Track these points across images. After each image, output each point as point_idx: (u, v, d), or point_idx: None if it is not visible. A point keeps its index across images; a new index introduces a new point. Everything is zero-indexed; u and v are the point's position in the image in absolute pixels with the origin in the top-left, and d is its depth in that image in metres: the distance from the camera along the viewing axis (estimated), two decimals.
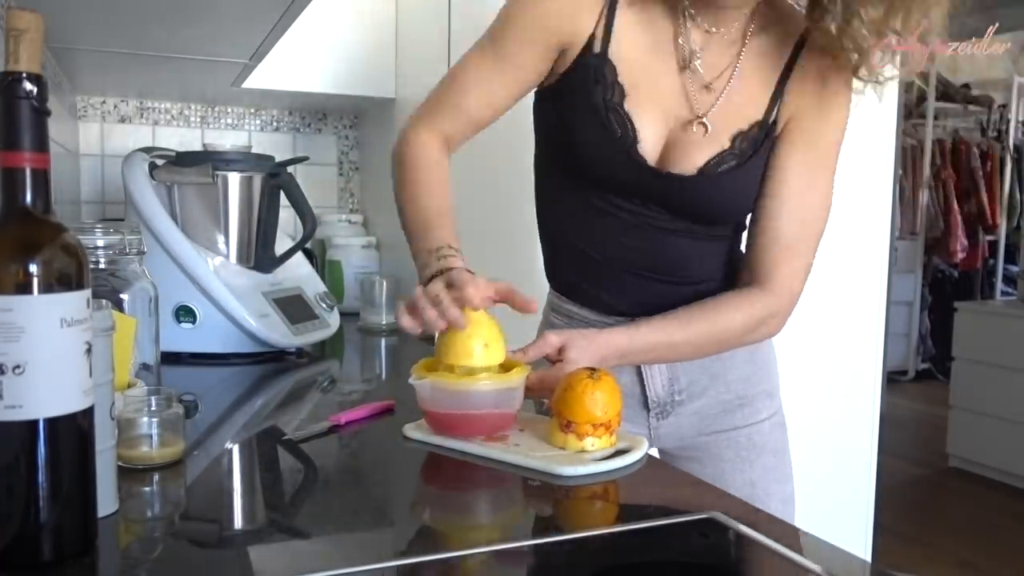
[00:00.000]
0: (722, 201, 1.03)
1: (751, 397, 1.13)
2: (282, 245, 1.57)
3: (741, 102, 1.00)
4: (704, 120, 0.99)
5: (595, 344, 0.97)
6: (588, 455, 0.85)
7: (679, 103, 1.00)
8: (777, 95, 1.01)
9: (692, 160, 0.99)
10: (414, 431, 0.93)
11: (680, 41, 0.99)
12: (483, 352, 0.89)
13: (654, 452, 1.17)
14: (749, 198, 1.03)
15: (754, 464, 1.13)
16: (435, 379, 0.89)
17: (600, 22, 0.97)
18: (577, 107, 0.99)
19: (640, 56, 0.99)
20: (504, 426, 0.91)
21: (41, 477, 0.58)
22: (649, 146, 0.99)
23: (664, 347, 1.02)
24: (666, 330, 1.01)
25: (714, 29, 0.99)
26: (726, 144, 0.99)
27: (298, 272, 1.60)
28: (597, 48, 0.98)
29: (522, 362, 0.93)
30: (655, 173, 0.99)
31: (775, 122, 1.01)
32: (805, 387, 1.82)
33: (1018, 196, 5.74)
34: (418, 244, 0.98)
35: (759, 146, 1.00)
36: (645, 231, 1.03)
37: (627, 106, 0.98)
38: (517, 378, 0.90)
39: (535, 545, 0.67)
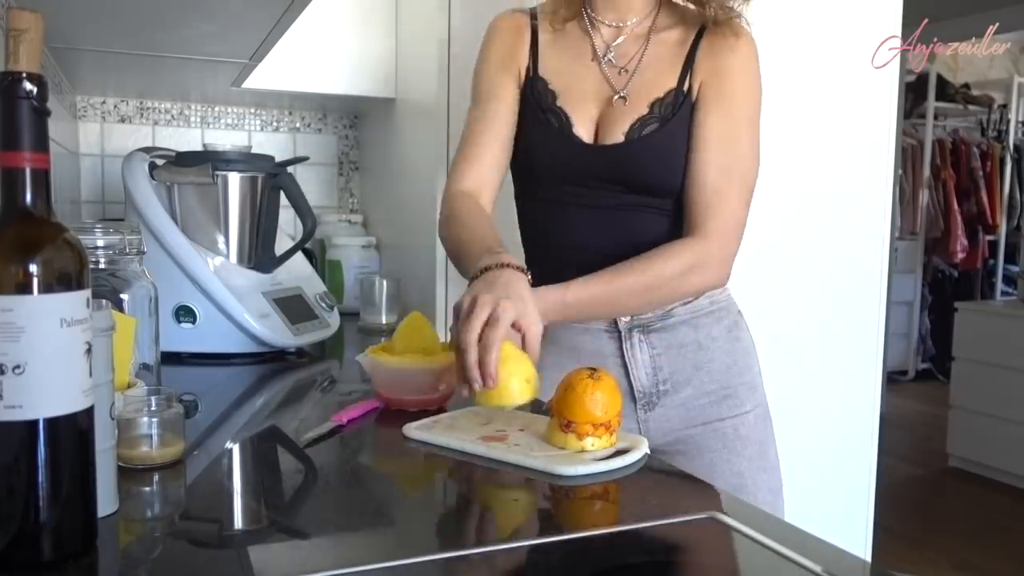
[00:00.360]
0: (652, 161, 1.12)
1: (734, 388, 1.17)
2: (282, 245, 1.57)
3: (654, 77, 1.15)
4: (622, 94, 1.15)
5: (529, 305, 0.97)
6: (588, 455, 0.85)
7: (602, 87, 1.16)
8: (687, 66, 1.14)
9: (619, 128, 1.13)
10: (414, 431, 0.93)
11: (594, 40, 1.18)
12: (522, 387, 0.91)
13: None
14: (677, 160, 1.12)
15: (741, 455, 1.16)
16: (373, 357, 1.04)
17: (529, 52, 1.20)
18: (526, 120, 1.18)
19: (563, 64, 1.18)
20: (434, 403, 1.04)
21: (41, 477, 0.58)
22: (583, 128, 1.15)
23: (602, 296, 1.07)
24: (600, 281, 1.07)
25: (620, 23, 1.18)
26: (645, 111, 1.13)
27: (298, 272, 1.60)
28: (531, 73, 1.19)
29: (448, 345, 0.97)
30: (592, 148, 1.14)
31: (690, 88, 1.14)
32: (805, 387, 1.82)
33: (1018, 196, 5.74)
34: (470, 255, 1.06)
35: (678, 109, 1.13)
36: (607, 212, 1.14)
37: (559, 103, 1.16)
38: (442, 362, 1.02)
39: (535, 545, 0.67)
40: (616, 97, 1.14)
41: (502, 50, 1.21)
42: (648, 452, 0.88)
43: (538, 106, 1.16)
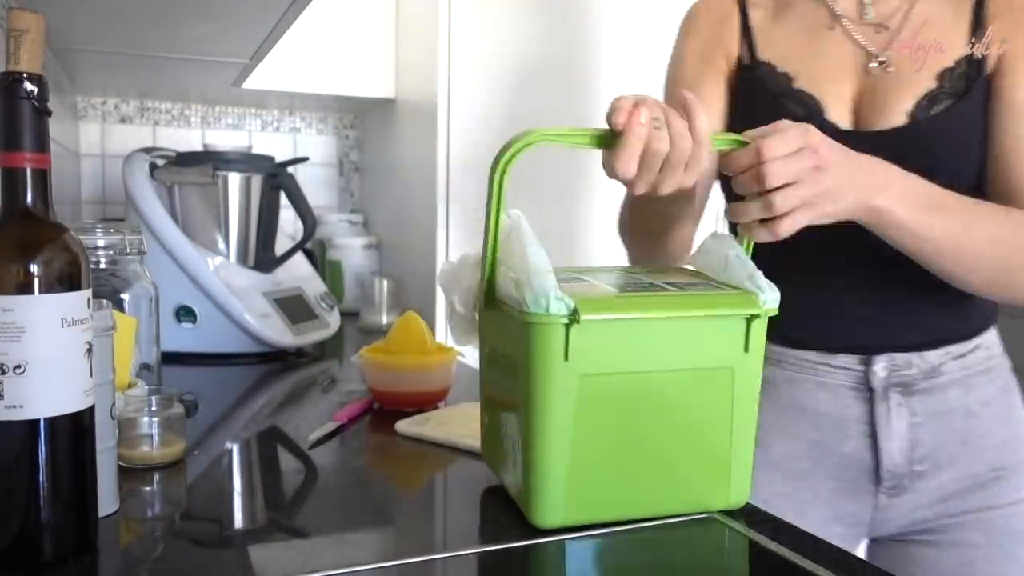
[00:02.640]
0: (949, 149, 0.88)
1: (1012, 468, 0.94)
2: (282, 245, 1.57)
3: (932, 39, 0.90)
4: (882, 57, 0.90)
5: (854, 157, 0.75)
6: None
7: (853, 55, 0.93)
8: (976, 25, 0.90)
9: (897, 107, 0.89)
10: (406, 427, 0.95)
11: (831, 2, 0.95)
12: None
13: (863, 543, 1.00)
14: (974, 147, 0.88)
15: (1014, 556, 0.92)
16: (367, 357, 1.06)
17: (741, 37, 0.98)
18: (743, 118, 0.90)
19: (793, 40, 0.95)
20: (429, 402, 1.05)
21: (42, 477, 0.59)
22: (837, 111, 0.91)
23: (956, 211, 0.80)
24: (957, 201, 0.81)
25: None
26: (933, 84, 0.89)
27: (298, 272, 1.60)
28: (747, 59, 0.97)
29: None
30: (859, 137, 0.87)
31: (985, 57, 0.89)
32: None
33: None
34: None
35: (973, 82, 0.88)
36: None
37: (798, 85, 0.93)
38: (436, 361, 1.05)
39: (535, 544, 0.67)
40: (873, 64, 0.90)
41: (701, 41, 0.99)
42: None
43: (765, 96, 0.93)
